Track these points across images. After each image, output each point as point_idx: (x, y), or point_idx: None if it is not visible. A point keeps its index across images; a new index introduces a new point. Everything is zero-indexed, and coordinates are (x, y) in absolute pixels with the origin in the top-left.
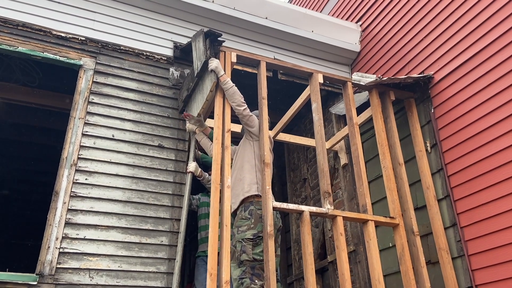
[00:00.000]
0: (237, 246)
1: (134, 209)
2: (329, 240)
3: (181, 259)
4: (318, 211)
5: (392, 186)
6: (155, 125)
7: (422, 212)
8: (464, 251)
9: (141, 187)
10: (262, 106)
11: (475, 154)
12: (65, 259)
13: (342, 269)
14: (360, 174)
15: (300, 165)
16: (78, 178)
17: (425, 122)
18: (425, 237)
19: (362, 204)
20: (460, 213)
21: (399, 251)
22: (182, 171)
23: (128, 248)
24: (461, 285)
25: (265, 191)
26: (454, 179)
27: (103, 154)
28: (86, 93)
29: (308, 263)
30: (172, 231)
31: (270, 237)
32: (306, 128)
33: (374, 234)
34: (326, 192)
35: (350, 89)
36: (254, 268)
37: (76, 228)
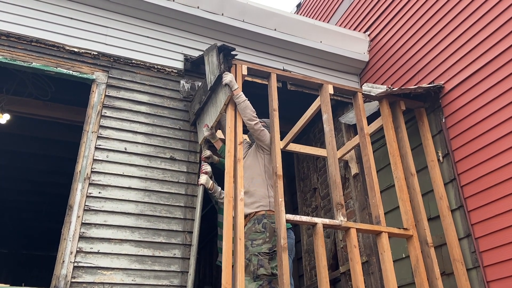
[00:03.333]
0: (252, 260)
1: (146, 222)
2: (341, 250)
3: (194, 272)
4: (332, 223)
5: (405, 197)
6: (166, 137)
7: (436, 222)
8: (479, 263)
9: (153, 199)
10: (274, 118)
11: (489, 164)
12: (79, 273)
13: (356, 282)
14: (373, 185)
15: (310, 175)
16: (92, 191)
17: (436, 132)
18: (439, 248)
19: (375, 216)
20: (474, 224)
21: (413, 263)
22: (194, 183)
23: (141, 261)
24: None
25: (278, 204)
26: (467, 189)
27: (116, 167)
28: (99, 107)
29: (323, 276)
30: (185, 243)
31: (284, 250)
32: (316, 137)
33: (388, 246)
34: (338, 203)
35: (361, 99)
36: (271, 282)
37: (90, 242)
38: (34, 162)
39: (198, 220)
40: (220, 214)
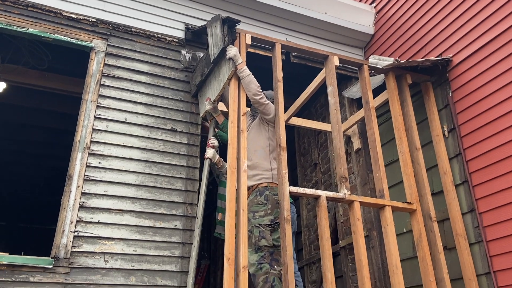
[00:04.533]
0: (254, 231)
1: (147, 193)
2: (341, 225)
3: (198, 244)
4: (335, 196)
5: (409, 171)
6: (167, 108)
7: (439, 197)
8: (482, 237)
9: (154, 171)
10: (278, 89)
11: (495, 139)
12: (80, 243)
13: (359, 254)
14: (377, 159)
15: (311, 150)
16: (92, 161)
17: (442, 106)
18: (442, 223)
19: (379, 189)
20: (478, 199)
21: (416, 237)
22: (195, 155)
23: (142, 232)
24: (478, 271)
25: (281, 176)
26: (472, 164)
27: (116, 137)
28: (98, 76)
29: (326, 248)
30: (186, 215)
31: (287, 222)
32: (317, 112)
33: (391, 219)
34: (342, 176)
35: (367, 72)
36: (273, 254)
37: (91, 212)
38: (31, 134)
39: (204, 193)
40: (221, 187)
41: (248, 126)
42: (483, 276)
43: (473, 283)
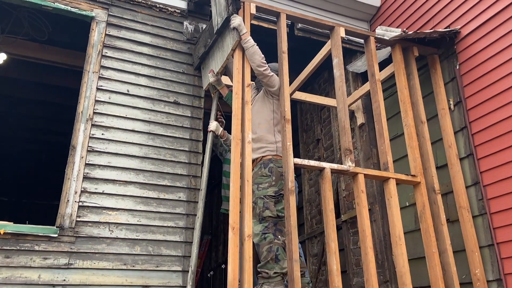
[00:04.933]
0: (258, 203)
1: (151, 165)
2: (343, 199)
3: (202, 215)
4: (340, 168)
5: (414, 144)
6: (170, 80)
7: (443, 171)
8: (486, 210)
9: (157, 143)
10: (283, 60)
11: (502, 111)
12: (84, 213)
13: (363, 225)
14: (382, 132)
15: (314, 126)
16: (95, 133)
17: (449, 79)
18: (445, 196)
19: (383, 162)
20: (483, 172)
21: (419, 209)
22: (198, 128)
23: (146, 203)
24: (481, 243)
25: (286, 148)
26: (478, 137)
27: (118, 109)
28: (99, 46)
29: (330, 219)
30: (190, 187)
31: (292, 193)
32: (321, 88)
33: (395, 192)
34: (347, 149)
35: (373, 44)
36: (277, 224)
37: (95, 182)
38: (31, 109)
39: (207, 166)
40: (226, 164)
41: (253, 99)
42: (486, 248)
43: (476, 255)
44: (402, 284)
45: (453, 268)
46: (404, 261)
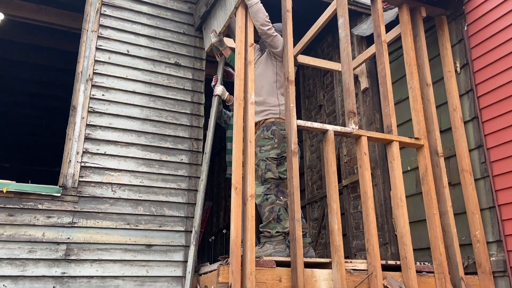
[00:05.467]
0: (260, 165)
1: (153, 127)
2: (344, 165)
3: (206, 178)
4: (343, 131)
5: (418, 107)
6: (170, 41)
7: (446, 135)
8: (488, 172)
9: (159, 105)
10: (287, 19)
11: (509, 73)
12: (87, 173)
13: (365, 187)
14: (387, 94)
15: (316, 92)
16: (95, 93)
17: (456, 41)
18: (447, 160)
19: (387, 125)
20: (487, 134)
21: (422, 172)
22: (200, 90)
23: (148, 165)
24: (482, 205)
25: (289, 109)
26: (483, 100)
27: (118, 70)
28: (98, 4)
29: (332, 181)
30: (192, 150)
31: (294, 155)
32: (324, 53)
33: (398, 154)
34: (351, 111)
35: (379, 4)
36: (279, 185)
37: (96, 143)
38: (30, 73)
39: (212, 129)
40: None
41: (256, 61)
42: (487, 210)
43: (476, 217)
44: (402, 244)
45: (453, 229)
46: (405, 222)
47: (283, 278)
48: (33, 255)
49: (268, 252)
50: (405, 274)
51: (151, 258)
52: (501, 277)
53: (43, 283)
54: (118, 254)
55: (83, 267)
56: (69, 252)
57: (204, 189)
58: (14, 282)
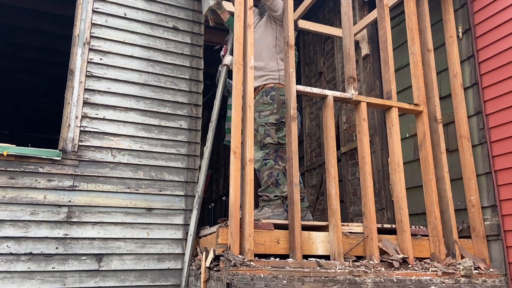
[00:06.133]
0: (259, 130)
1: (151, 92)
2: (343, 132)
3: (211, 145)
4: (342, 96)
5: (419, 73)
6: (168, 4)
7: (445, 102)
8: (486, 139)
9: (157, 70)
10: None
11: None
12: (86, 138)
13: (363, 153)
14: (387, 60)
15: (316, 59)
16: (93, 57)
17: (459, 6)
18: (446, 127)
19: (387, 91)
20: (487, 101)
21: (420, 138)
22: (199, 55)
23: (148, 130)
24: (478, 171)
25: (288, 74)
26: (484, 65)
27: (116, 33)
28: None
29: (330, 146)
30: (191, 115)
31: (293, 120)
32: (325, 18)
33: (397, 120)
34: (351, 77)
35: None
36: (278, 151)
37: (95, 108)
38: (26, 38)
39: (219, 98)
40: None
41: (255, 26)
42: (483, 176)
43: (472, 182)
44: (398, 208)
45: (449, 194)
46: (402, 187)
47: (281, 240)
48: (35, 217)
49: (266, 215)
50: (400, 237)
51: (152, 221)
52: (494, 240)
53: (46, 244)
54: (119, 217)
55: (85, 229)
56: (70, 214)
57: (209, 156)
58: (17, 243)
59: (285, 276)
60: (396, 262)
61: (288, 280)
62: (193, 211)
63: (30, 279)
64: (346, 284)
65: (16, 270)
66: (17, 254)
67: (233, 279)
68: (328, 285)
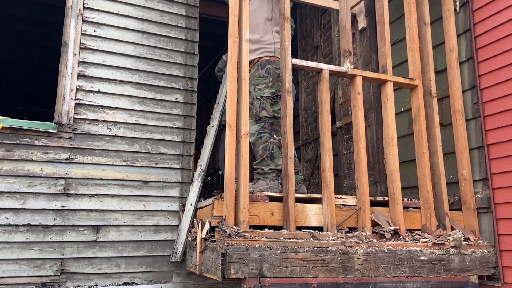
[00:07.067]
0: (254, 103)
1: (146, 65)
2: (339, 107)
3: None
4: (338, 70)
5: (415, 46)
6: None
7: (441, 76)
8: (479, 113)
9: (152, 43)
10: None
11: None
12: (82, 110)
13: (357, 126)
14: (383, 33)
15: (313, 32)
16: (86, 29)
17: None
18: (440, 101)
19: (383, 65)
20: (482, 75)
21: (414, 112)
22: (194, 28)
23: (143, 103)
24: (471, 145)
25: (284, 47)
26: (481, 39)
27: (109, 4)
28: None
29: (325, 119)
30: (186, 89)
31: (289, 94)
32: None
33: (392, 94)
34: (346, 50)
35: None
36: (273, 124)
37: (90, 80)
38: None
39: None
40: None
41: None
42: (475, 150)
43: (465, 156)
44: (391, 181)
45: (441, 168)
46: (395, 160)
47: (275, 212)
48: (33, 189)
49: (261, 188)
50: (392, 209)
51: (148, 193)
52: (485, 213)
53: (44, 215)
54: (115, 189)
55: (82, 201)
56: (67, 187)
57: (214, 134)
58: (15, 214)
59: (279, 247)
60: (388, 233)
61: (282, 250)
62: (195, 183)
63: (29, 249)
64: (339, 254)
65: (15, 241)
66: (15, 225)
67: (228, 249)
68: (321, 255)
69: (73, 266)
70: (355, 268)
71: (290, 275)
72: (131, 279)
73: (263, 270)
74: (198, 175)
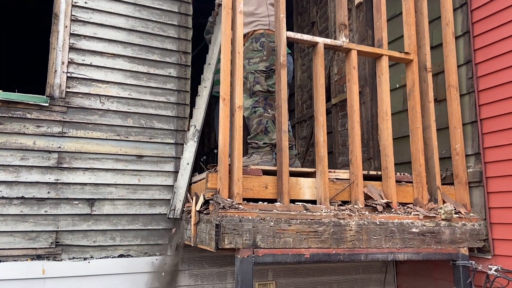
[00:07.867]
0: (248, 77)
1: (139, 39)
2: (334, 84)
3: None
4: (333, 44)
5: (411, 20)
6: None
7: (436, 51)
8: (474, 88)
9: (144, 15)
10: None
11: None
12: (74, 84)
13: (352, 101)
14: (379, 7)
15: (309, 8)
16: (77, 0)
17: None
18: (435, 77)
19: (378, 39)
20: (477, 49)
21: (409, 87)
22: (188, 1)
23: (136, 77)
24: (464, 120)
25: (279, 20)
26: (477, 13)
27: None
28: None
29: (319, 94)
30: (180, 63)
31: (283, 67)
32: None
33: (387, 69)
34: (342, 24)
35: None
36: (267, 99)
37: (81, 53)
38: None
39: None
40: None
41: None
42: (469, 125)
43: (458, 131)
44: (385, 156)
45: (434, 143)
46: (389, 135)
47: (269, 185)
48: (26, 162)
49: (255, 162)
50: (385, 183)
51: (142, 168)
52: (476, 187)
53: (38, 188)
54: (109, 164)
55: (76, 175)
56: (61, 160)
57: (208, 95)
58: (9, 187)
59: (273, 218)
60: (380, 206)
61: (275, 222)
62: (190, 142)
63: (23, 222)
64: (331, 226)
65: (9, 213)
66: (9, 198)
67: (222, 221)
68: (313, 226)
69: (68, 238)
70: (347, 239)
71: (283, 246)
72: (126, 251)
73: (256, 241)
74: (193, 135)
